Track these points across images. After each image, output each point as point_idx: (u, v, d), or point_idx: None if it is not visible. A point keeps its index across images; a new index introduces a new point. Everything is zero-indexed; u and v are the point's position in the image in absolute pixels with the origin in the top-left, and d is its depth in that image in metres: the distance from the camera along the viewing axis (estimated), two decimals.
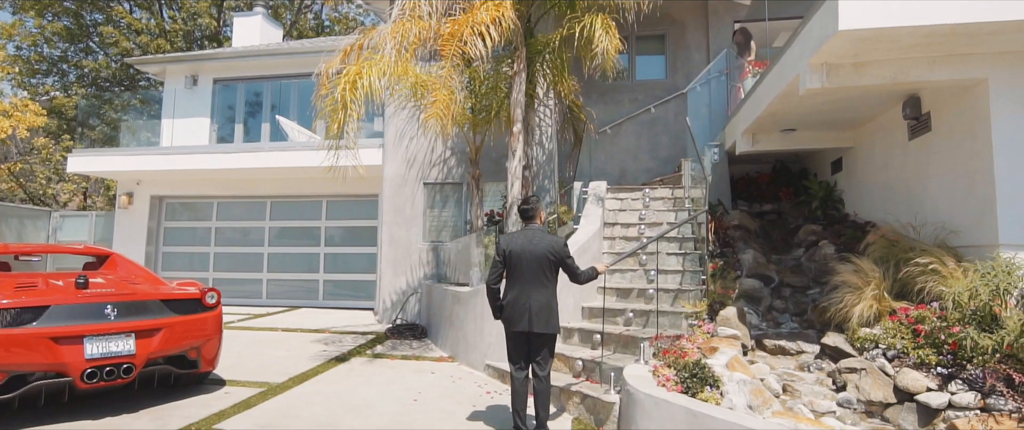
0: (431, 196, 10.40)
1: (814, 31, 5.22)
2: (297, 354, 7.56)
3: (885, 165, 7.18)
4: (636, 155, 11.13)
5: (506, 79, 8.30)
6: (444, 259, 9.95)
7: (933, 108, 6.06)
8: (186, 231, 13.42)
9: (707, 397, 4.36)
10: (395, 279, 10.24)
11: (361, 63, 6.76)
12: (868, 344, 5.06)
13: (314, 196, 12.80)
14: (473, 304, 7.01)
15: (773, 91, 6.55)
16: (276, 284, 12.69)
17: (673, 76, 11.31)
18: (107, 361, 4.68)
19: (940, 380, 4.34)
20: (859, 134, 7.91)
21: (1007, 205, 5.01)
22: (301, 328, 9.53)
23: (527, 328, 4.44)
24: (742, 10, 11.06)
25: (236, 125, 13.79)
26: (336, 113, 6.65)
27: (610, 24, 7.23)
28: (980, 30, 4.64)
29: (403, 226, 10.30)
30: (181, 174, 12.58)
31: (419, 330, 9.03)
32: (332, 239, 12.71)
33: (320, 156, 11.23)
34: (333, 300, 12.47)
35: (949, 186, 5.78)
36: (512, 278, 4.55)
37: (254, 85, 13.88)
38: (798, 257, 7.82)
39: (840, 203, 8.58)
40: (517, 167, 7.77)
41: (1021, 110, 5.07)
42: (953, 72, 5.20)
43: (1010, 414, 3.91)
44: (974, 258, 5.14)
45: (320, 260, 12.67)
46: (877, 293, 5.30)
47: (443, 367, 7.00)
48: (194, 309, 5.43)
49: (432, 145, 10.41)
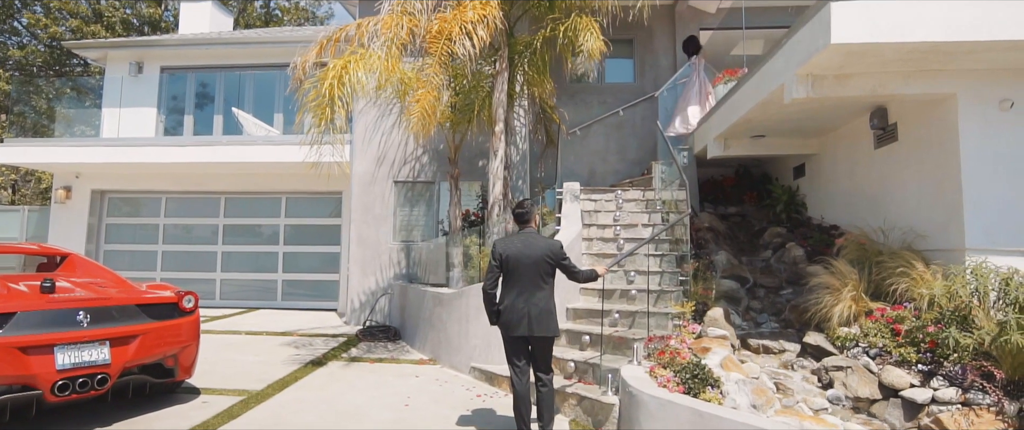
0: (402, 195, 10.18)
1: (802, 43, 5.43)
2: (269, 359, 7.24)
3: (850, 172, 7.56)
4: (605, 157, 11.29)
5: (486, 78, 8.23)
6: (416, 259, 9.78)
7: (900, 119, 6.43)
8: (131, 228, 12.61)
9: (710, 397, 4.46)
10: (364, 279, 9.97)
11: (347, 57, 6.53)
12: (849, 343, 5.32)
13: (273, 193, 12.30)
14: (457, 306, 6.92)
15: (753, 99, 6.77)
16: (231, 284, 12.12)
17: (641, 80, 11.55)
18: (80, 371, 4.32)
19: (921, 376, 4.61)
20: (823, 141, 8.30)
21: (973, 212, 5.37)
22: (266, 331, 9.14)
23: (527, 332, 4.40)
24: (707, 17, 11.42)
25: (185, 117, 13.07)
26: (322, 109, 6.39)
27: (594, 26, 7.28)
28: (957, 49, 4.96)
29: (372, 225, 10.04)
30: (126, 167, 11.81)
31: (392, 332, 8.83)
32: (292, 238, 12.25)
33: (281, 151, 10.93)
34: (293, 301, 12.02)
35: (916, 193, 6.15)
36: (509, 282, 4.49)
37: (205, 75, 13.19)
38: (767, 258, 8.12)
39: (802, 207, 8.98)
40: (499, 167, 7.72)
41: (986, 124, 5.45)
42: (925, 86, 5.53)
43: (988, 408, 4.20)
44: (942, 261, 5.48)
45: (279, 259, 12.19)
46: (855, 294, 5.57)
47: (426, 370, 6.87)
48: (171, 314, 5.10)
49: (404, 143, 10.20)
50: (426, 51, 6.71)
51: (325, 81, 6.36)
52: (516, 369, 4.49)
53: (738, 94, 7.44)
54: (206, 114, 13.16)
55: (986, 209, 5.37)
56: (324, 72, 6.55)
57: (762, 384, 4.73)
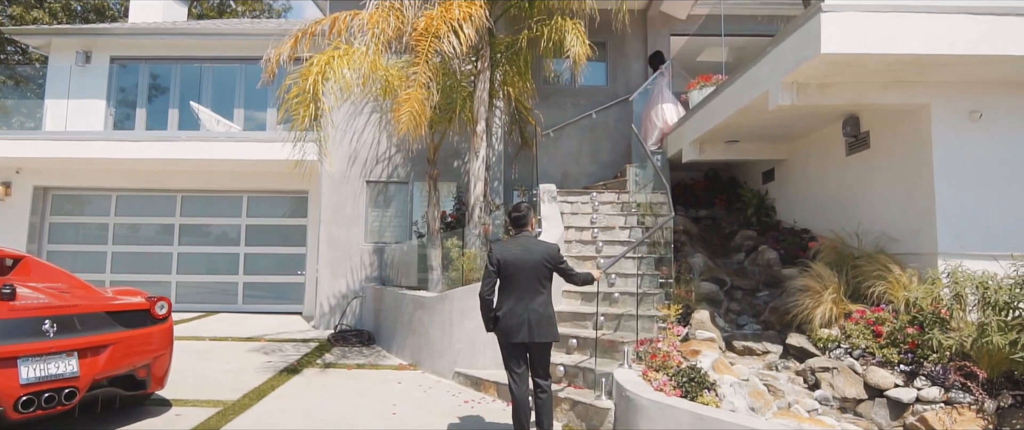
0: (374, 195, 9.93)
1: (788, 52, 5.56)
2: (240, 366, 6.91)
3: (821, 177, 7.81)
4: (578, 159, 11.33)
5: (466, 78, 8.10)
6: (389, 261, 9.55)
7: (872, 128, 6.67)
8: (77, 227, 11.86)
9: (707, 401, 4.49)
10: (334, 282, 9.67)
11: (331, 53, 6.29)
12: (831, 344, 5.47)
13: (233, 191, 11.80)
14: (439, 310, 6.77)
15: (734, 105, 6.90)
16: (187, 287, 11.54)
17: (613, 83, 11.64)
18: (46, 386, 3.99)
19: (904, 377, 4.78)
20: (793, 147, 8.55)
21: (945, 217, 5.62)
22: (231, 336, 8.73)
23: (527, 339, 4.33)
24: (678, 24, 11.61)
25: (137, 110, 12.39)
26: (305, 105, 6.12)
27: (580, 30, 7.29)
28: (934, 61, 5.17)
29: (343, 226, 9.75)
30: (72, 162, 11.09)
31: (366, 336, 8.59)
32: (254, 238, 11.78)
33: (244, 148, 10.48)
34: (254, 304, 11.55)
35: (888, 199, 6.39)
36: (507, 288, 4.40)
37: (159, 67, 12.55)
38: (740, 261, 8.30)
39: (772, 210, 9.22)
40: (480, 167, 7.62)
41: (957, 133, 5.71)
42: (901, 97, 5.76)
43: (969, 406, 4.38)
44: (915, 265, 5.72)
45: (239, 261, 11.70)
46: (835, 297, 5.74)
47: (407, 376, 6.70)
48: (142, 321, 4.78)
49: (376, 142, 9.95)
50: (413, 49, 6.53)
51: (308, 76, 6.11)
52: (515, 376, 4.41)
53: (717, 100, 7.57)
54: (159, 108, 12.51)
55: (956, 215, 5.62)
56: (306, 67, 6.30)
57: (754, 386, 4.80)
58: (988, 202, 5.63)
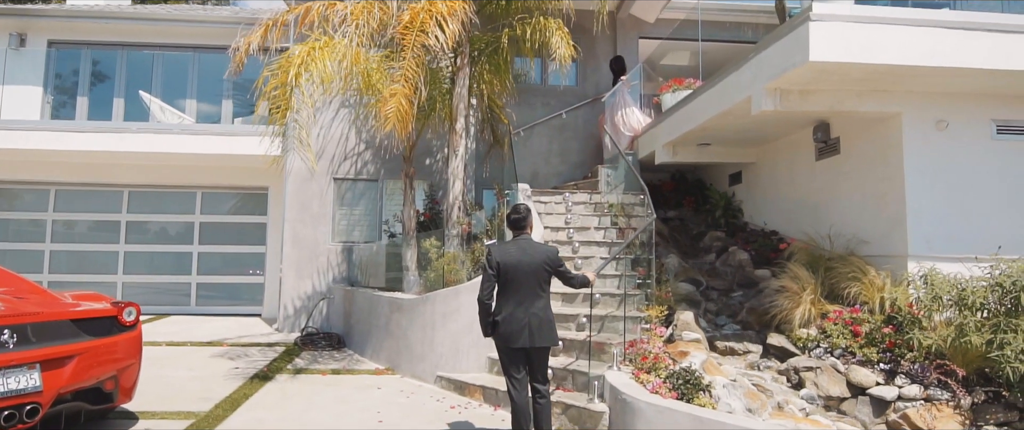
0: (342, 193, 9.60)
1: (774, 58, 5.68)
2: (205, 373, 6.52)
3: (790, 180, 8.05)
4: (548, 159, 11.32)
5: (445, 75, 7.93)
6: (358, 261, 9.25)
7: (842, 134, 6.92)
8: (10, 224, 10.95)
9: (703, 402, 4.53)
10: (299, 283, 9.29)
11: (312, 44, 5.99)
12: (810, 343, 5.64)
13: (186, 187, 11.16)
14: (419, 312, 6.59)
15: (713, 109, 7.01)
16: (135, 288, 10.84)
17: (583, 84, 11.68)
18: (6, 402, 3.61)
19: (884, 375, 4.97)
20: (763, 151, 8.79)
21: (915, 221, 5.88)
22: (189, 341, 8.24)
23: (528, 344, 4.25)
24: (647, 27, 11.76)
25: (79, 98, 11.55)
26: (284, 99, 5.81)
27: (565, 31, 7.25)
28: (911, 72, 5.39)
29: (310, 224, 9.38)
30: (5, 154, 10.21)
31: (336, 339, 8.29)
32: (209, 236, 11.18)
33: (199, 141, 9.92)
34: (210, 306, 10.97)
35: (858, 203, 6.64)
36: (507, 292, 4.30)
37: (103, 53, 11.74)
38: (711, 261, 8.46)
39: (739, 212, 9.47)
40: (459, 165, 7.48)
41: (925, 141, 5.99)
42: (876, 105, 5.99)
43: (946, 402, 4.59)
44: (886, 267, 5.96)
45: (193, 260, 11.08)
46: (813, 297, 5.92)
47: (386, 381, 6.49)
48: (109, 329, 4.41)
49: (344, 137, 9.62)
50: (398, 43, 6.31)
51: (288, 68, 5.80)
52: (515, 381, 4.31)
53: (694, 103, 7.68)
54: (103, 97, 11.69)
55: (925, 219, 5.89)
56: (284, 59, 5.98)
57: (747, 386, 4.88)
58: (953, 207, 5.93)
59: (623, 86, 10.36)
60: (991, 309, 4.56)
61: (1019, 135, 6.11)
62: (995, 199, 5.99)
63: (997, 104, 6.08)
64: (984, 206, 5.95)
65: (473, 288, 6.40)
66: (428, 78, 7.08)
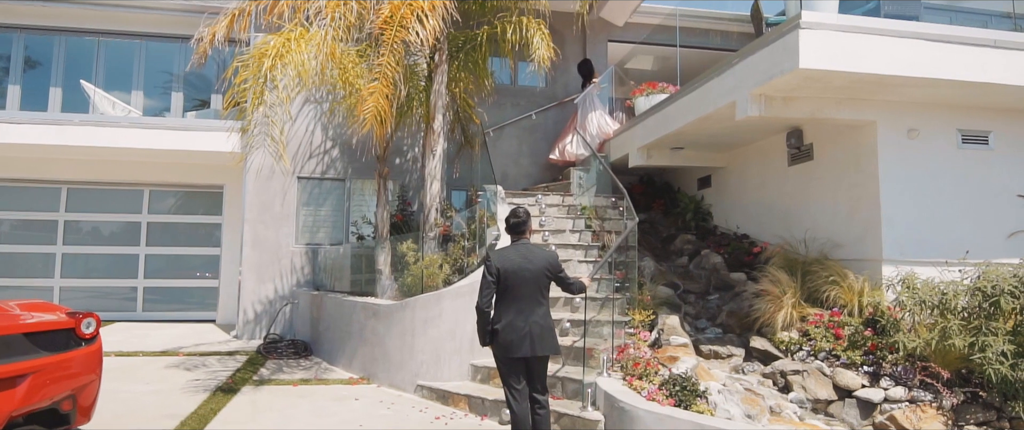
0: (307, 192, 9.17)
1: (760, 65, 5.73)
2: (163, 386, 6.05)
3: (761, 185, 8.20)
4: (517, 160, 11.19)
5: (421, 72, 7.67)
6: (324, 265, 8.86)
7: (816, 140, 7.09)
8: None
9: (701, 409, 4.50)
10: (260, 287, 8.81)
11: (288, 35, 5.63)
12: (793, 346, 5.72)
13: (132, 184, 10.43)
14: (398, 319, 6.32)
15: (693, 113, 7.05)
16: (75, 293, 10.04)
17: (552, 85, 11.61)
18: None
19: (868, 377, 5.08)
20: (733, 155, 8.94)
21: (889, 227, 6.06)
22: (140, 350, 7.67)
23: (530, 353, 4.10)
24: (616, 30, 11.82)
25: (10, 87, 10.60)
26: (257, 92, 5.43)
27: (545, 31, 7.14)
28: (892, 82, 5.55)
29: (272, 226, 8.91)
30: None
31: (301, 346, 7.89)
32: (157, 237, 10.48)
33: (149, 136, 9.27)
34: (158, 312, 10.29)
35: (831, 208, 6.81)
36: (507, 299, 4.14)
37: (38, 38, 10.83)
38: (684, 264, 8.53)
39: (709, 216, 9.60)
40: (437, 166, 7.27)
41: (898, 149, 6.18)
42: (853, 113, 6.14)
43: (930, 404, 4.72)
44: (860, 270, 6.12)
45: (139, 263, 10.36)
46: (794, 301, 6.01)
47: (363, 391, 6.19)
48: (66, 343, 3.98)
49: (309, 134, 9.19)
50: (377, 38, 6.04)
51: (261, 59, 5.43)
52: (515, 392, 4.15)
53: (672, 107, 7.71)
54: (37, 85, 10.78)
55: (898, 225, 6.09)
56: (258, 49, 5.60)
57: (736, 390, 4.88)
58: (922, 213, 6.15)
59: (593, 89, 10.36)
60: (972, 313, 4.72)
61: (981, 144, 6.40)
62: (960, 206, 6.25)
63: (962, 115, 6.35)
64: (950, 212, 6.20)
65: (455, 293, 6.21)
66: (406, 76, 6.83)
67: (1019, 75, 5.67)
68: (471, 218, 7.43)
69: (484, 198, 8.12)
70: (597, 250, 8.29)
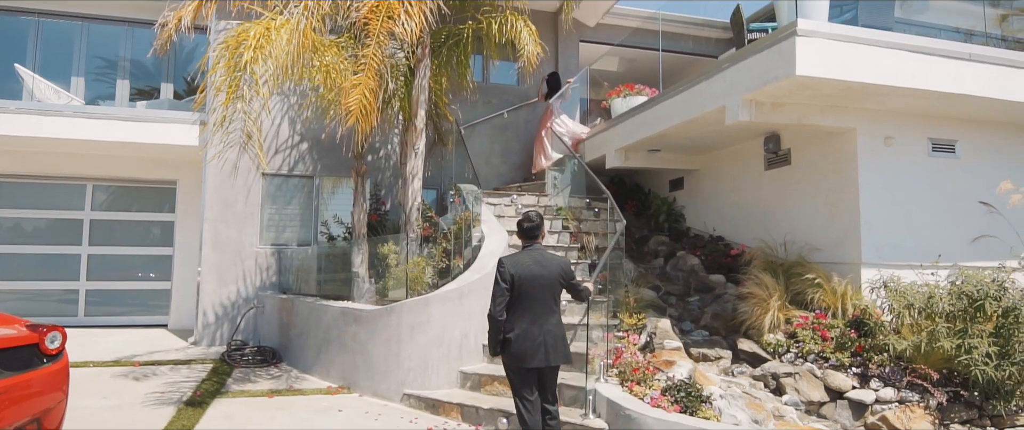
0: (273, 190, 8.69)
1: (753, 70, 5.78)
2: (123, 400, 5.56)
3: (736, 188, 8.34)
4: (489, 159, 11.00)
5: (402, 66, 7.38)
6: (291, 266, 8.42)
7: (793, 146, 7.25)
8: None
9: (708, 415, 4.48)
10: (221, 290, 8.28)
11: (267, 23, 5.24)
12: (781, 349, 5.81)
13: (73, 178, 9.63)
14: (383, 324, 6.04)
15: (678, 117, 7.08)
16: (6, 297, 9.17)
17: (524, 84, 11.48)
18: None
19: (857, 379, 5.20)
20: (706, 158, 9.06)
21: (868, 231, 6.25)
22: (89, 360, 7.05)
23: (544, 363, 3.97)
24: (587, 30, 11.80)
25: None
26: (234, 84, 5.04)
27: (532, 28, 7.00)
28: (877, 90, 5.71)
29: (234, 224, 8.39)
30: None
31: (269, 353, 7.45)
32: (102, 236, 9.71)
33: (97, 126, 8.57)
34: (103, 317, 9.54)
35: (809, 212, 6.98)
36: (520, 307, 3.99)
37: None
38: (660, 266, 8.58)
39: (681, 218, 9.71)
40: (418, 164, 7.04)
41: (876, 156, 6.38)
42: (835, 120, 6.30)
43: (917, 404, 4.88)
44: (839, 274, 6.29)
45: (81, 264, 9.57)
46: (780, 303, 6.11)
47: (345, 401, 5.88)
48: (29, 361, 3.55)
49: (275, 128, 8.71)
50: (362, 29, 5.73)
51: (237, 48, 5.03)
52: (528, 405, 4.00)
53: (654, 111, 7.73)
54: None
55: (877, 229, 6.29)
56: (235, 38, 5.20)
57: (736, 395, 4.90)
58: (897, 218, 6.38)
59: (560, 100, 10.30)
60: (957, 316, 4.91)
61: (949, 153, 6.71)
62: (930, 211, 6.52)
63: (933, 124, 6.63)
64: (922, 217, 6.46)
65: (443, 298, 5.99)
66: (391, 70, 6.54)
67: (987, 87, 5.95)
68: (454, 219, 7.21)
69: (464, 198, 7.91)
70: (576, 252, 8.24)
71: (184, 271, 9.46)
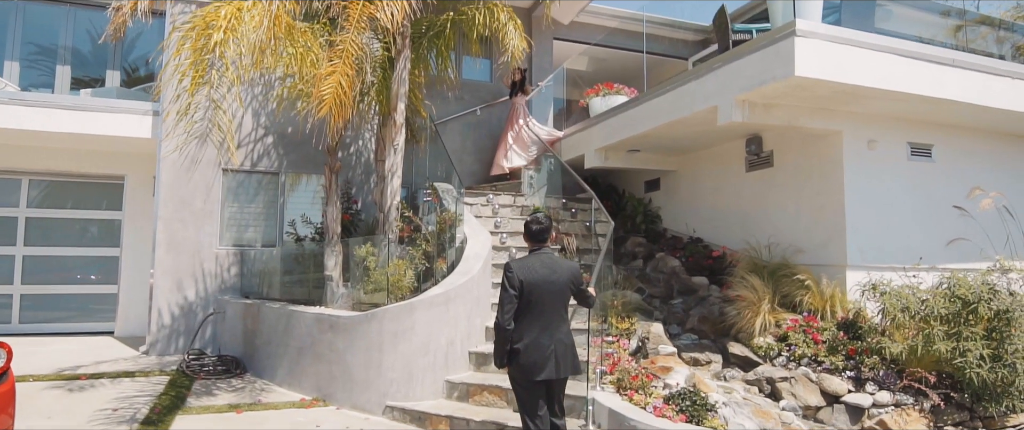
0: (234, 187, 8.12)
1: (748, 70, 5.70)
2: (72, 421, 4.99)
3: (716, 190, 8.31)
4: (461, 157, 10.67)
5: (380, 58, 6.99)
6: (255, 269, 7.88)
7: (776, 148, 7.25)
8: None
9: (715, 424, 4.34)
10: (176, 294, 7.67)
11: (239, 4, 4.78)
12: (771, 352, 5.75)
13: (7, 172, 8.79)
14: (362, 331, 5.66)
15: (665, 116, 6.97)
16: None
17: (497, 80, 11.22)
18: None
19: (852, 382, 5.18)
20: (685, 160, 9.02)
21: (853, 233, 6.28)
22: (31, 374, 6.34)
23: (554, 375, 3.74)
24: (562, 28, 11.63)
25: None
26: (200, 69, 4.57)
27: (517, 21, 6.74)
28: (867, 93, 5.73)
29: (192, 224, 7.79)
30: None
31: (233, 363, 6.93)
32: (39, 236, 8.89)
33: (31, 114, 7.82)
34: (41, 323, 8.73)
35: (792, 214, 6.98)
36: (529, 315, 3.74)
37: None
38: (639, 267, 8.48)
39: (657, 219, 9.65)
40: (397, 161, 6.68)
41: (860, 159, 6.43)
42: (823, 122, 6.31)
43: (912, 406, 4.88)
44: (824, 276, 6.30)
45: (15, 265, 8.73)
46: (770, 306, 6.07)
47: (321, 415, 5.48)
48: None
49: (239, 120, 8.14)
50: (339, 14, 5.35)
51: (211, 29, 4.57)
52: (538, 420, 3.74)
53: (638, 110, 7.60)
54: None
55: (860, 231, 6.33)
56: (206, 15, 4.72)
57: (738, 401, 4.78)
58: (880, 220, 6.45)
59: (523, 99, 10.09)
60: (951, 319, 4.94)
61: (926, 157, 6.83)
62: (910, 214, 6.62)
63: (912, 128, 6.74)
64: (902, 220, 6.55)
65: (429, 303, 5.67)
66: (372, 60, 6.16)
67: (967, 93, 6.07)
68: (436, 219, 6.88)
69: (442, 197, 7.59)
70: (557, 253, 8.03)
71: (133, 273, 8.75)
